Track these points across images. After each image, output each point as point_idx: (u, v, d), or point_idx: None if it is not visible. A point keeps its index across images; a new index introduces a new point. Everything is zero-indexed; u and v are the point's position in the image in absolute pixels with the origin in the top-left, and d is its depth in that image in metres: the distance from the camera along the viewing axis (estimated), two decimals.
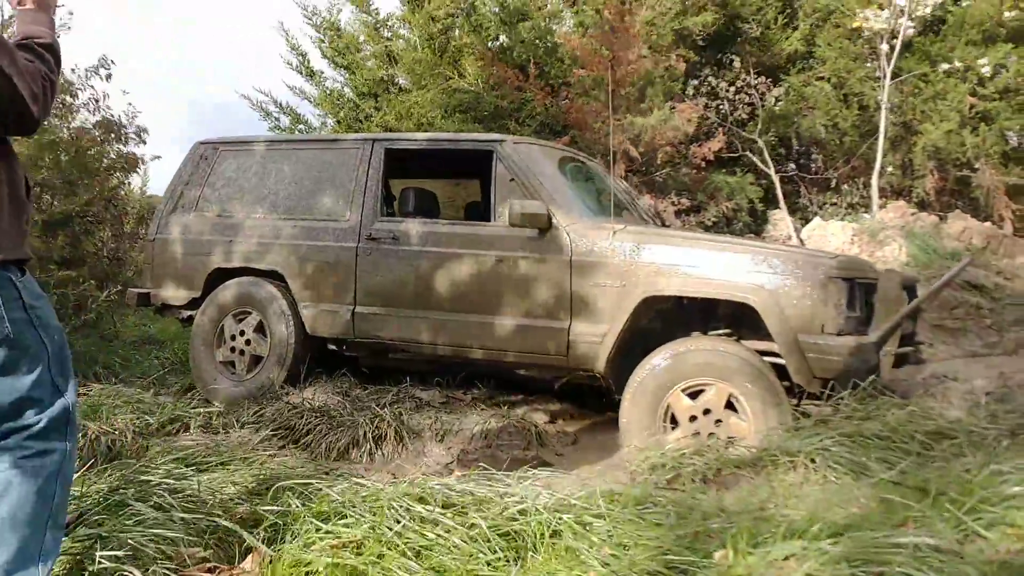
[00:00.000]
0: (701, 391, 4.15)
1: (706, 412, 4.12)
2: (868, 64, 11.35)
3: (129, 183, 9.13)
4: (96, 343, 6.97)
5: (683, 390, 4.17)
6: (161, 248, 5.93)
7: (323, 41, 13.24)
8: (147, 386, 5.34)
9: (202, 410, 4.50)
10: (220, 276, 5.69)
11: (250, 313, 5.52)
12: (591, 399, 5.28)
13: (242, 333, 5.52)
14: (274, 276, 5.51)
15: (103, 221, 7.87)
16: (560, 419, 5.11)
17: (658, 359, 4.27)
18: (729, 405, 4.09)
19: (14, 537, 1.82)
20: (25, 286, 1.86)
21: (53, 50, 2.00)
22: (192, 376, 5.66)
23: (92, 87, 7.94)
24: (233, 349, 5.55)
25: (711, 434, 4.05)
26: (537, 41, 11.04)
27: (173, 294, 5.88)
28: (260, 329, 5.48)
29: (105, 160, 7.96)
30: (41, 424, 1.88)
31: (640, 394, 4.25)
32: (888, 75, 10.68)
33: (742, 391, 4.06)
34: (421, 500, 2.36)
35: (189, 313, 5.89)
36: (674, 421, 4.18)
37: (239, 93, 22.81)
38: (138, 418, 4.12)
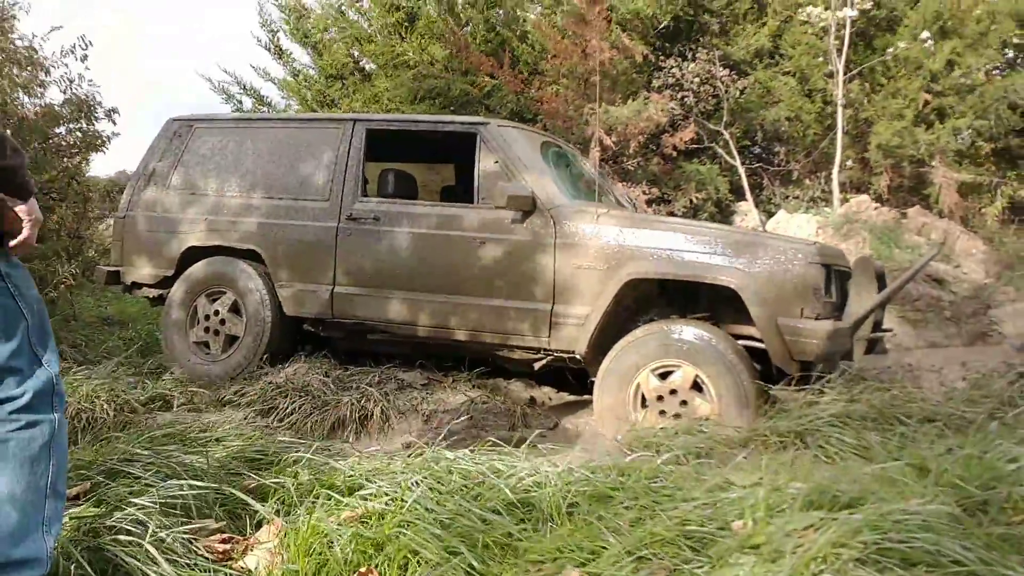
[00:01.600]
0: (670, 372, 4.23)
1: (672, 392, 4.20)
2: (824, 59, 11.57)
3: (89, 162, 8.92)
4: (58, 322, 6.81)
5: (652, 371, 4.25)
6: (132, 226, 5.81)
7: (288, 21, 13.12)
8: (116, 366, 5.22)
9: (184, 389, 4.43)
10: (194, 255, 5.59)
11: (225, 292, 5.45)
12: (570, 382, 5.32)
13: (216, 312, 5.45)
14: (250, 255, 5.44)
15: (65, 199, 7.67)
16: (540, 401, 5.13)
17: (627, 341, 4.34)
18: (697, 387, 4.18)
19: (14, 509, 1.78)
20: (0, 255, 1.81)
21: None
22: (164, 356, 5.57)
23: (66, 65, 7.77)
24: (207, 329, 5.47)
25: (676, 415, 4.13)
26: (510, 27, 11.05)
27: (144, 272, 5.77)
28: (235, 308, 5.41)
29: (71, 138, 7.77)
30: (26, 397, 1.83)
31: (611, 376, 4.33)
32: (841, 70, 10.89)
33: (707, 373, 4.14)
34: (435, 472, 2.37)
35: (160, 292, 5.78)
36: (645, 402, 4.26)
37: (199, 73, 22.38)
38: (118, 396, 4.05)
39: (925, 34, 11.04)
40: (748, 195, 11.10)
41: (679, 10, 11.57)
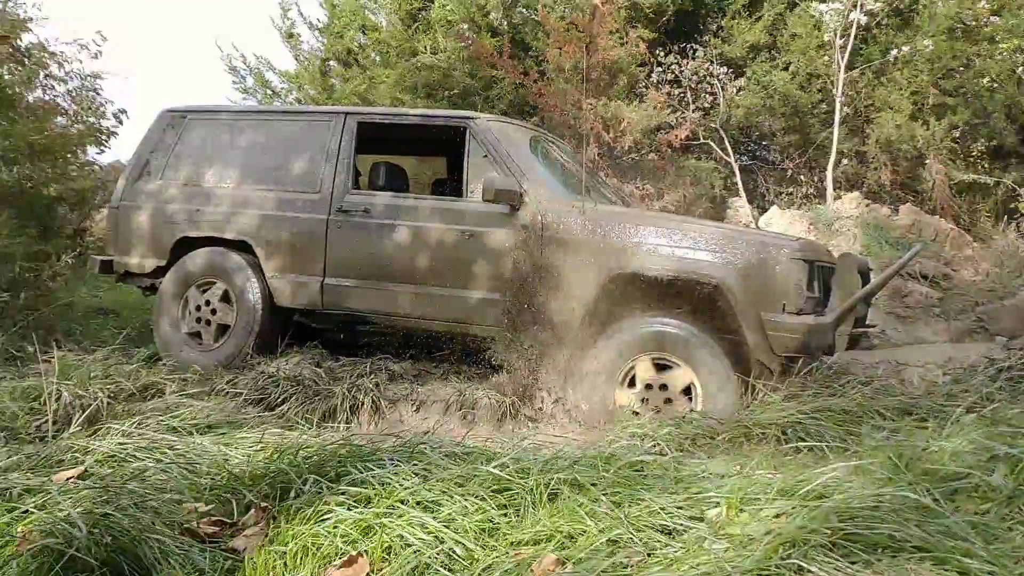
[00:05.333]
0: (655, 366, 4.31)
1: (657, 385, 4.27)
2: (826, 55, 11.60)
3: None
4: (54, 312, 6.84)
5: (636, 365, 4.33)
6: (126, 216, 5.85)
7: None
8: (110, 355, 5.26)
9: (177, 377, 4.48)
10: (186, 245, 5.64)
11: (215, 283, 5.49)
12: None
13: (207, 303, 5.49)
14: (242, 246, 5.48)
15: (77, 206, 7.71)
16: (529, 392, 5.17)
17: (612, 335, 4.41)
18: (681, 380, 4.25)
19: None
20: None
21: None
22: (156, 345, 5.62)
23: (80, 61, 7.90)
24: (199, 319, 5.52)
25: (660, 407, 4.21)
26: (522, 10, 11.12)
27: (137, 262, 5.81)
28: (226, 299, 5.46)
29: (73, 129, 7.85)
30: None
31: (596, 369, 4.40)
32: (842, 68, 10.94)
33: (691, 366, 4.21)
34: (420, 460, 2.43)
35: (153, 282, 5.83)
36: (629, 394, 4.34)
37: (216, 43, 22.69)
38: (112, 383, 4.09)
39: (927, 43, 11.09)
40: (742, 191, 11.16)
41: (683, 10, 11.60)
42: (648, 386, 4.29)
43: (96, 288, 8.98)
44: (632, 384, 4.35)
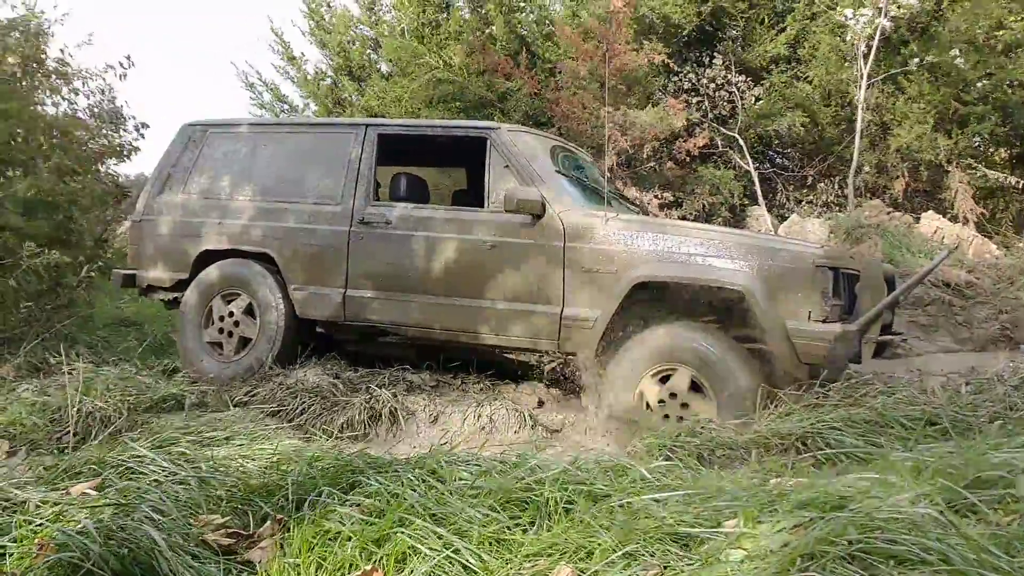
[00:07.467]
0: (674, 375, 4.28)
1: (675, 395, 4.26)
2: (850, 63, 11.54)
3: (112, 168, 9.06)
4: (76, 323, 6.92)
5: (656, 374, 4.32)
6: (148, 229, 5.90)
7: (312, 17, 13.33)
8: (131, 367, 5.31)
9: (195, 388, 4.50)
10: (208, 258, 5.68)
11: (239, 295, 5.53)
12: (577, 384, 5.35)
13: (231, 315, 5.53)
14: (264, 258, 5.51)
15: (92, 207, 7.78)
16: (547, 403, 5.17)
17: (634, 345, 4.39)
18: (700, 389, 4.23)
19: None
20: None
21: None
22: (179, 356, 5.66)
23: (103, 79, 7.99)
24: (221, 330, 5.55)
25: (680, 417, 4.18)
26: (534, 24, 11.13)
27: (159, 275, 5.86)
28: (249, 311, 5.49)
29: (93, 145, 7.93)
30: None
31: (616, 378, 4.39)
32: (866, 76, 10.88)
33: (712, 376, 4.18)
34: (434, 471, 2.42)
35: (175, 295, 5.87)
36: (648, 404, 4.32)
37: (230, 62, 23.03)
38: (131, 395, 4.12)
39: (955, 51, 11.01)
40: (761, 199, 11.11)
41: (702, 20, 11.57)
42: (664, 399, 4.27)
43: (119, 299, 9.07)
44: (651, 393, 4.32)
